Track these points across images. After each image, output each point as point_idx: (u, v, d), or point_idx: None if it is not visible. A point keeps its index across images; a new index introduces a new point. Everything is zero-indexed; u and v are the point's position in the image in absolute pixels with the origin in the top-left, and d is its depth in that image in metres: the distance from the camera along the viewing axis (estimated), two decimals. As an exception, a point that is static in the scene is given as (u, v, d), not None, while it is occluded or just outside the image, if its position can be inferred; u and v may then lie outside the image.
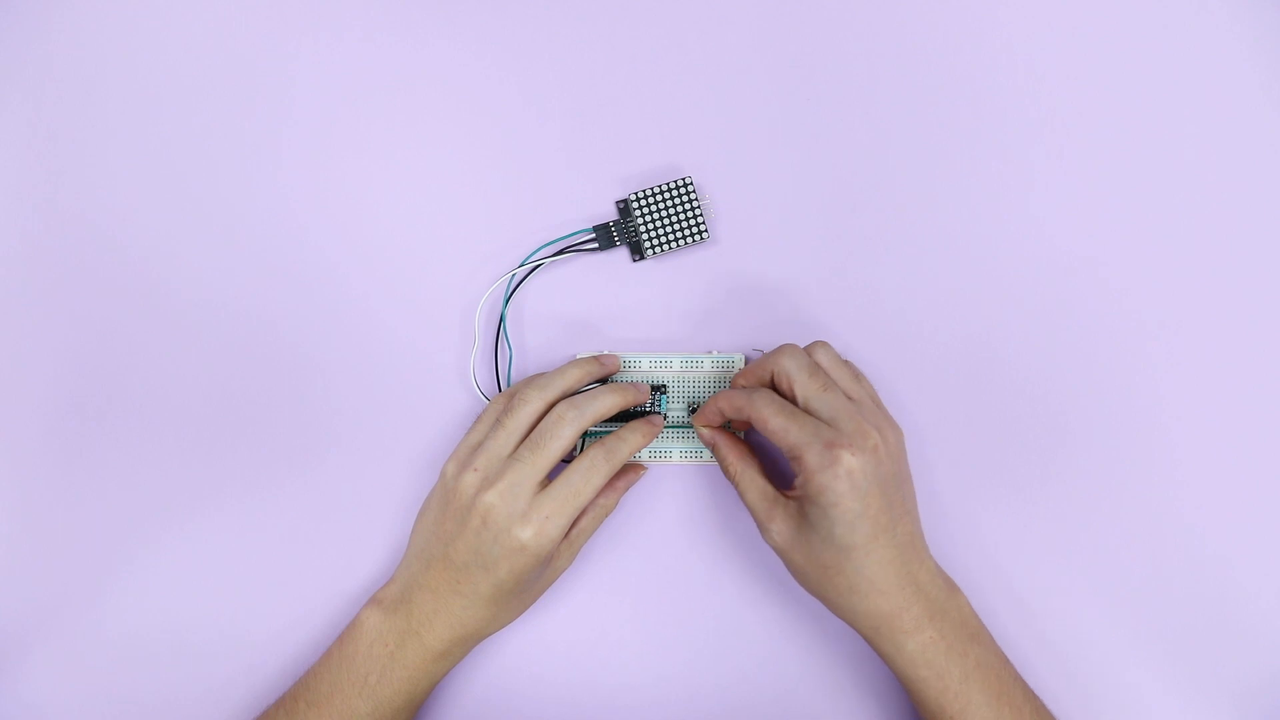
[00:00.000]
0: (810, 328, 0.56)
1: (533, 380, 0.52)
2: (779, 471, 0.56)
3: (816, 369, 0.49)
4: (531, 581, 0.51)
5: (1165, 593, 0.55)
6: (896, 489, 0.48)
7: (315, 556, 0.56)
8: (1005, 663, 0.50)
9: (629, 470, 0.55)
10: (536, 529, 0.48)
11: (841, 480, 0.45)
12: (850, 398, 0.49)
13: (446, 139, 0.57)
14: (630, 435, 0.52)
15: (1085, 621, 0.55)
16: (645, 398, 0.53)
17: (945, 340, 0.56)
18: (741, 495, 0.51)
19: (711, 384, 0.56)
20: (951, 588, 0.50)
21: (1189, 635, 0.55)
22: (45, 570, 0.56)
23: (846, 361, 0.52)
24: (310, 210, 0.57)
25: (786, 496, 0.50)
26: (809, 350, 0.51)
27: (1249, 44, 0.56)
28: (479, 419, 0.53)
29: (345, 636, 0.51)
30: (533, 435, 0.50)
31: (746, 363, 0.56)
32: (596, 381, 0.54)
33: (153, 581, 0.56)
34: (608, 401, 0.51)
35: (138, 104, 0.57)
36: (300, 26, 0.57)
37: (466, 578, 0.49)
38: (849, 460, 0.46)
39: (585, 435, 0.55)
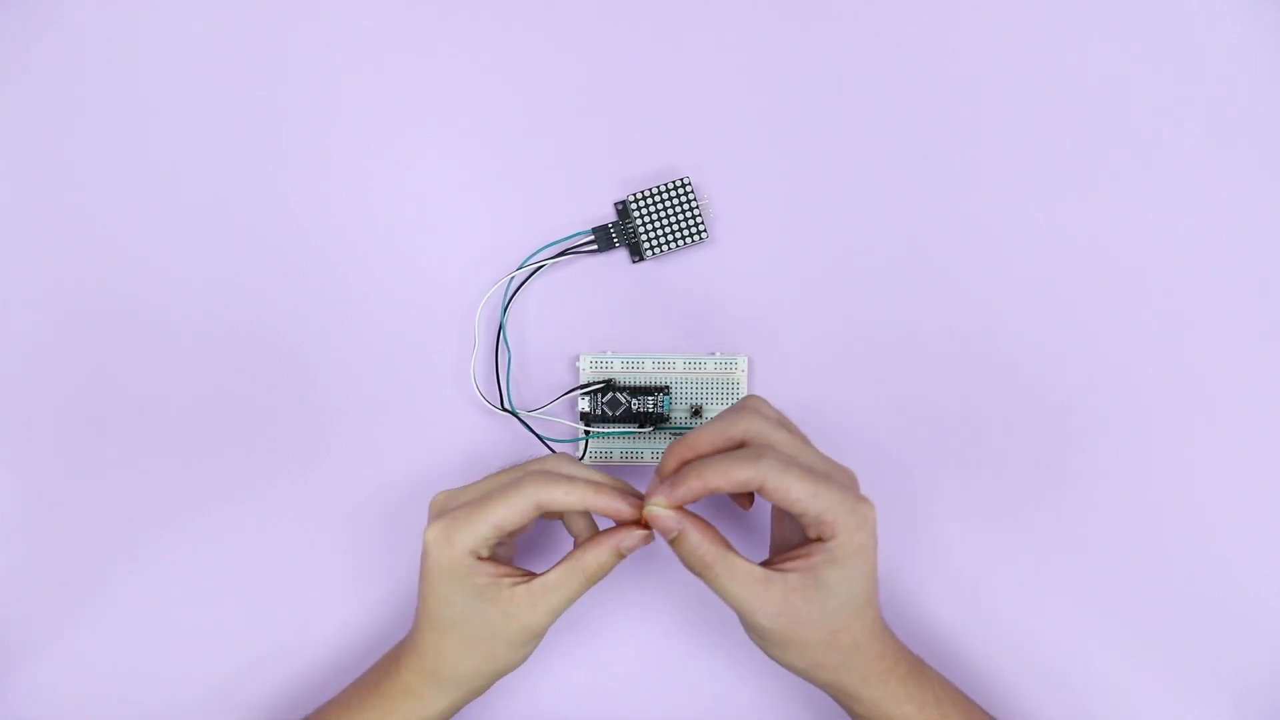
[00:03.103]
0: (812, 325, 0.56)
1: (546, 470, 0.45)
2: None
3: (784, 422, 0.45)
4: (448, 599, 0.44)
5: (1165, 593, 0.55)
6: None
7: (316, 560, 0.56)
8: (946, 679, 0.49)
9: (623, 531, 0.45)
10: (440, 530, 0.43)
11: (871, 535, 0.42)
12: None
13: (444, 141, 0.57)
14: (599, 550, 0.44)
15: (1085, 621, 0.55)
16: (620, 509, 0.44)
17: (946, 340, 0.56)
18: (723, 588, 0.42)
19: (714, 386, 0.55)
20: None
21: (1189, 635, 0.55)
22: (41, 576, 0.55)
23: None
24: (308, 210, 0.57)
25: (780, 570, 0.42)
26: (754, 408, 0.44)
27: (1250, 44, 0.56)
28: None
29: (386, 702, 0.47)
30: (487, 486, 0.45)
31: (750, 364, 0.56)
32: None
33: (152, 587, 0.55)
34: (573, 499, 0.43)
35: (135, 102, 0.56)
36: (297, 25, 0.57)
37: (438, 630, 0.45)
38: (870, 512, 0.42)
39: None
